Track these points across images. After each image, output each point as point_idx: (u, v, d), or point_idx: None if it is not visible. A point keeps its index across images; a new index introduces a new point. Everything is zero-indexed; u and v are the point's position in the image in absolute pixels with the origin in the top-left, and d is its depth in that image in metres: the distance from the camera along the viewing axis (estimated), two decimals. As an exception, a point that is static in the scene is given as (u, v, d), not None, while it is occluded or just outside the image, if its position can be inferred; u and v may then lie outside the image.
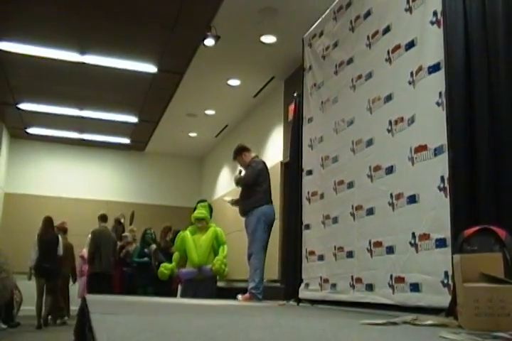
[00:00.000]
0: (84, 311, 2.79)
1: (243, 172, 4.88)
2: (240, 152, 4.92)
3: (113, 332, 1.36)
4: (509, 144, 2.48)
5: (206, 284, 5.61)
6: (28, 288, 8.20)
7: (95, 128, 9.54)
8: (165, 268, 5.81)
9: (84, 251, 9.00)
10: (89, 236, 7.75)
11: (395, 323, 2.03)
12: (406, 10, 3.16)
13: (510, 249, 2.02)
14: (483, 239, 2.09)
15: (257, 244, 4.54)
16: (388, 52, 3.31)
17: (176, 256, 5.87)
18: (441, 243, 2.60)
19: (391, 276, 3.02)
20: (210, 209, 5.97)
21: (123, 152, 10.88)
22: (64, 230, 8.26)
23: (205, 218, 5.74)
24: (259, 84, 7.31)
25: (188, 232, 5.80)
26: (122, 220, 8.67)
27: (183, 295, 5.71)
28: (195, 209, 5.94)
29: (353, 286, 3.48)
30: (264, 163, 4.89)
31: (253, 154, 4.99)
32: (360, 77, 3.69)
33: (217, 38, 5.59)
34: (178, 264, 5.77)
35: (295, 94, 5.27)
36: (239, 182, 4.83)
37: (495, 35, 2.61)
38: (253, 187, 4.67)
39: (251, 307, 3.69)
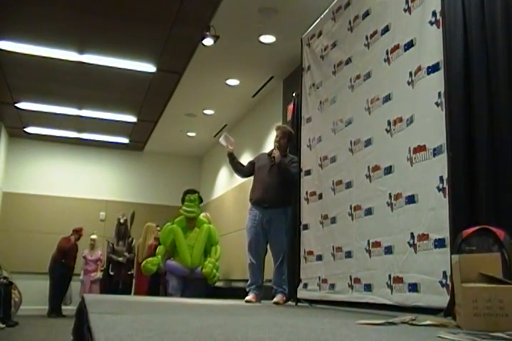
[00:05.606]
0: (82, 311, 2.79)
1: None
2: (291, 139, 4.59)
3: (111, 331, 1.36)
4: (508, 144, 2.48)
5: (197, 283, 5.35)
6: (26, 288, 8.23)
7: (94, 128, 9.52)
8: (151, 263, 5.24)
9: (87, 252, 9.08)
10: None
11: (393, 323, 2.03)
12: (405, 10, 3.16)
13: (508, 249, 2.03)
14: (481, 239, 2.09)
15: (286, 248, 4.34)
16: (387, 52, 3.31)
17: (160, 249, 5.39)
18: (440, 243, 2.59)
19: (390, 276, 3.01)
20: (201, 200, 5.55)
21: (122, 151, 10.86)
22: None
23: (196, 217, 5.42)
24: (258, 84, 7.30)
25: (177, 226, 5.37)
26: (122, 220, 8.63)
27: (172, 291, 5.32)
28: (183, 200, 5.47)
29: (351, 286, 3.48)
30: None
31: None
32: (358, 77, 3.68)
33: (216, 37, 5.59)
34: (163, 258, 5.31)
35: (294, 94, 5.26)
36: (282, 166, 4.35)
37: (494, 35, 2.61)
38: (292, 185, 4.43)
39: (249, 306, 3.69)
